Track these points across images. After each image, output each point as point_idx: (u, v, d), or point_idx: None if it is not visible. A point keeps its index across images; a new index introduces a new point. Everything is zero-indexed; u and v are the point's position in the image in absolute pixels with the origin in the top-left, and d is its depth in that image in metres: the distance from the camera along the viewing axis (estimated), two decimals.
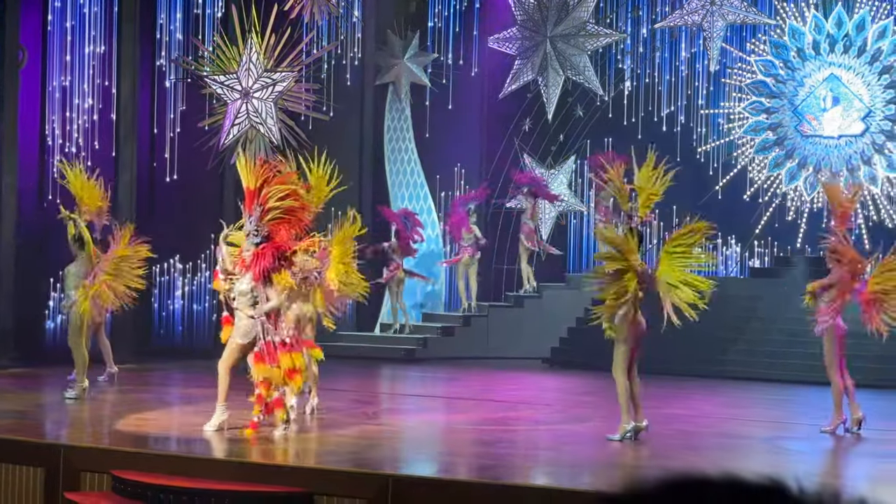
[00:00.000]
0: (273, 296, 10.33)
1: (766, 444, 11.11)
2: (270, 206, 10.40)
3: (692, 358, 16.82)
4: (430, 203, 21.10)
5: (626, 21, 21.22)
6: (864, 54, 19.55)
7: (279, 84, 16.98)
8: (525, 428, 12.13)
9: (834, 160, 19.79)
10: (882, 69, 19.46)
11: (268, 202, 10.40)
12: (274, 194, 10.41)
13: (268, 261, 10.23)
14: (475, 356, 19.37)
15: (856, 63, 19.61)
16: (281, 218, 10.45)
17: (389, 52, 20.81)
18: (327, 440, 10.61)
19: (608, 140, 20.91)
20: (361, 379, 16.66)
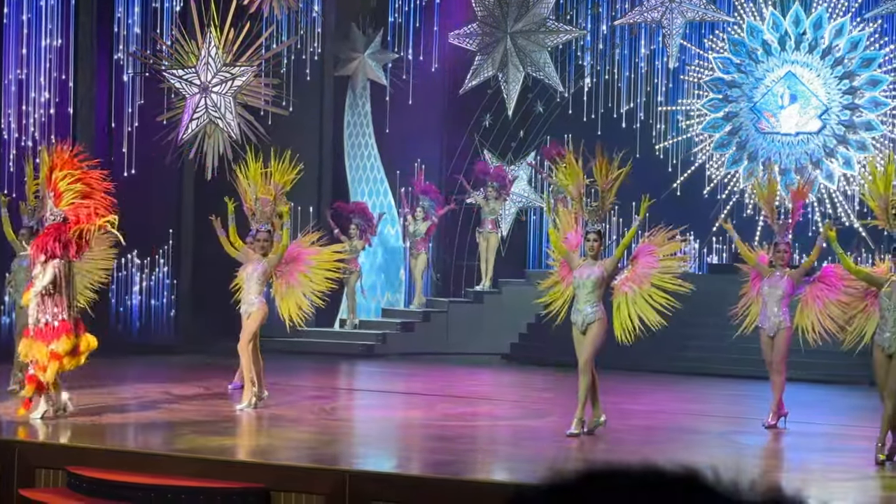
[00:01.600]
0: (49, 273, 10.47)
1: (721, 439, 11.18)
2: (62, 189, 10.54)
3: (650, 354, 16.88)
4: (391, 199, 21.08)
5: (585, 17, 21.27)
6: (821, 52, 19.70)
7: (238, 79, 16.91)
8: (484, 423, 12.15)
9: (785, 158, 19.92)
10: (841, 70, 19.61)
11: (58, 187, 10.55)
12: (64, 179, 10.54)
13: (48, 237, 10.43)
14: (434, 352, 19.37)
15: (813, 61, 19.76)
16: (77, 202, 10.58)
17: (351, 45, 20.78)
18: (285, 436, 10.59)
19: (568, 136, 20.94)
20: (320, 374, 16.64)
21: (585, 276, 10.63)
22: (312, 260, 12.51)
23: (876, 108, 19.49)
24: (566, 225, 11.19)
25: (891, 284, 9.80)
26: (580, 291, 10.68)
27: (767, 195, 12.20)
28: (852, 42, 19.57)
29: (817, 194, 19.70)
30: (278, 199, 12.48)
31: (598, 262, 10.72)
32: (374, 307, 20.65)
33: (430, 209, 20.14)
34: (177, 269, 18.30)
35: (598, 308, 10.65)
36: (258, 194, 12.42)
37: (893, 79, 19.39)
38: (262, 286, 12.14)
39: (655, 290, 10.77)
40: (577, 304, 10.73)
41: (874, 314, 10.19)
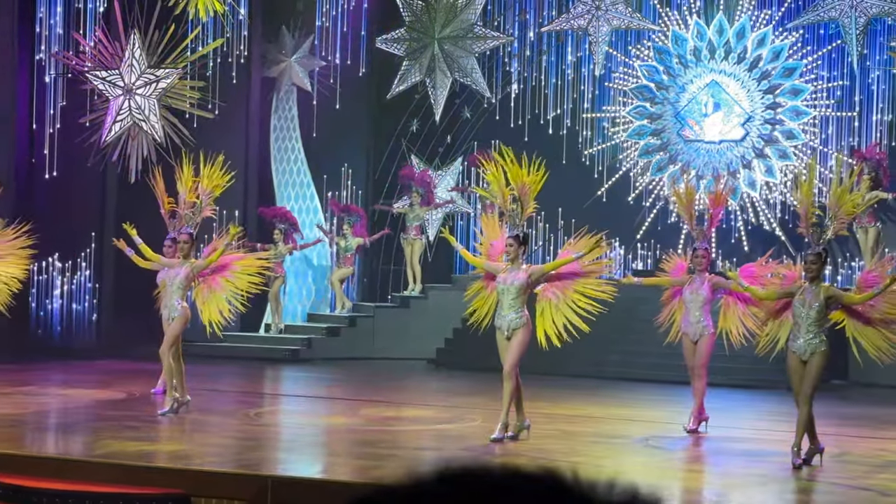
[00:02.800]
0: None
1: (642, 444, 11.28)
2: None
3: (575, 358, 17.00)
4: (317, 203, 21.01)
5: (513, 24, 21.37)
6: (744, 61, 19.97)
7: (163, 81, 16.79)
8: (409, 428, 12.14)
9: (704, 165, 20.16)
10: (762, 78, 19.89)
11: None
12: None
13: None
14: (360, 357, 19.35)
15: (736, 70, 20.02)
16: None
17: (279, 48, 20.70)
18: (207, 441, 10.50)
19: (495, 142, 20.97)
20: (244, 379, 16.53)
21: (509, 281, 10.68)
22: (237, 265, 12.42)
23: (797, 117, 19.79)
24: (491, 232, 11.21)
25: (803, 292, 9.95)
26: (504, 297, 10.73)
27: (685, 202, 12.33)
28: (774, 52, 19.85)
29: (740, 202, 19.96)
30: (205, 204, 12.34)
31: (522, 267, 10.76)
32: (301, 312, 20.57)
33: (357, 223, 20.11)
34: (99, 272, 18.08)
35: (523, 314, 10.71)
36: (186, 198, 12.28)
37: (815, 88, 19.71)
38: (185, 290, 12.04)
39: (579, 295, 10.85)
40: (501, 309, 10.77)
41: (787, 320, 10.33)
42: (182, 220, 12.25)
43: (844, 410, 14.14)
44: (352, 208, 20.27)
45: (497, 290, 10.81)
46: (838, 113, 19.66)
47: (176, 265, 12.03)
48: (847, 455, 10.99)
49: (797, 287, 10.07)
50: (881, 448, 11.50)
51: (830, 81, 19.70)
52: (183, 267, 11.99)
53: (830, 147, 19.64)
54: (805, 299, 9.90)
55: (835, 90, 19.67)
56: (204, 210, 12.35)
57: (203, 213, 12.36)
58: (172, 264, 12.07)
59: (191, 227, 12.17)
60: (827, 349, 9.92)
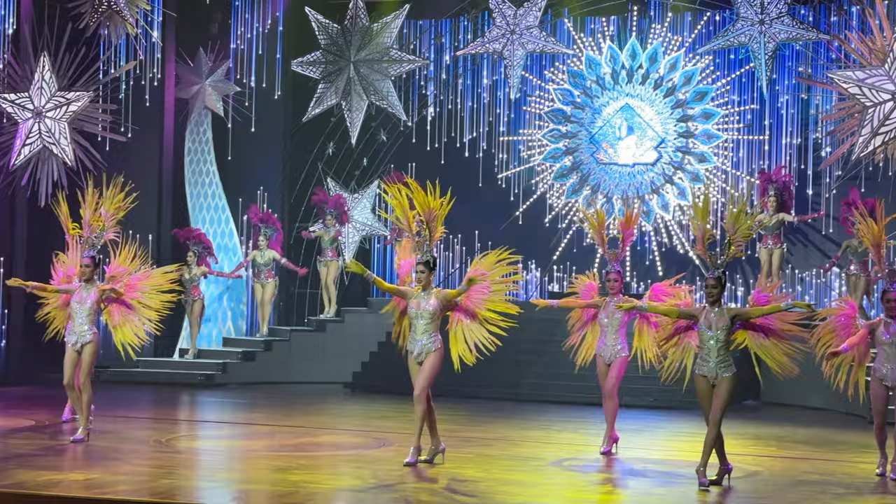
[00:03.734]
0: None
1: (557, 466, 11.32)
2: None
3: (490, 381, 17.06)
4: (232, 226, 20.86)
5: (429, 48, 21.46)
6: (658, 86, 20.22)
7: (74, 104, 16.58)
8: (325, 453, 12.06)
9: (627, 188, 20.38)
10: (675, 103, 20.15)
11: None
12: None
13: None
14: (276, 381, 19.22)
15: (649, 93, 20.27)
16: None
17: (195, 70, 20.57)
18: (119, 469, 10.34)
19: (412, 165, 21.07)
20: (159, 405, 16.33)
21: (422, 307, 10.71)
22: (145, 285, 12.24)
23: (709, 141, 20.08)
24: (403, 253, 11.24)
25: (706, 316, 10.04)
26: (417, 322, 10.76)
27: (596, 225, 12.44)
28: (686, 76, 20.14)
29: (653, 224, 20.19)
30: (108, 227, 12.17)
31: (432, 292, 10.78)
32: (216, 336, 20.38)
33: (273, 237, 19.99)
34: (7, 298, 17.75)
35: (436, 338, 10.74)
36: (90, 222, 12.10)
37: (726, 112, 20.01)
38: (94, 315, 11.84)
39: (490, 313, 10.87)
40: (414, 334, 10.79)
41: (689, 346, 10.42)
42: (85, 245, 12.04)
43: (757, 430, 14.33)
44: (270, 219, 20.13)
45: (409, 315, 10.82)
46: (749, 136, 19.98)
47: (81, 289, 11.84)
48: (759, 475, 11.13)
49: (698, 310, 10.17)
50: (792, 467, 11.66)
51: (741, 105, 20.03)
52: (90, 292, 11.81)
53: (741, 170, 19.95)
54: (710, 322, 10.01)
55: (745, 114, 20.00)
56: (107, 233, 12.15)
57: (106, 236, 12.17)
58: (72, 290, 11.88)
59: (93, 251, 11.98)
60: (736, 371, 10.05)
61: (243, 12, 20.95)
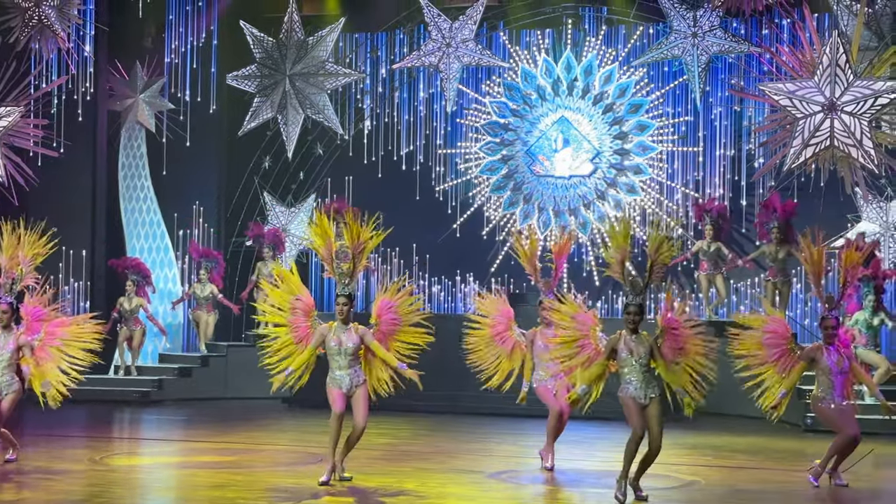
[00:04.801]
0: None
1: (495, 478, 11.32)
2: None
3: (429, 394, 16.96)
4: (168, 241, 20.69)
5: (365, 61, 21.44)
6: (593, 99, 20.35)
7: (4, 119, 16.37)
8: (262, 469, 11.97)
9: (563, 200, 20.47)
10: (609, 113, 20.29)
11: None
12: None
13: None
14: (213, 397, 19.07)
15: (584, 106, 20.40)
16: None
17: (130, 84, 20.40)
18: (54, 488, 10.19)
19: (349, 178, 21.04)
20: (93, 423, 16.14)
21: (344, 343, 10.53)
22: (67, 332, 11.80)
23: (644, 153, 20.23)
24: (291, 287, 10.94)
25: (625, 342, 9.90)
26: (340, 358, 10.56)
27: (528, 254, 12.34)
28: (621, 88, 20.29)
29: (589, 236, 20.30)
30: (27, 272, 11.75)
31: (352, 326, 10.63)
32: (151, 352, 20.19)
33: (214, 269, 19.83)
34: None
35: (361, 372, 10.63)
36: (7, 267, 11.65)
37: (660, 124, 20.18)
38: (15, 364, 11.41)
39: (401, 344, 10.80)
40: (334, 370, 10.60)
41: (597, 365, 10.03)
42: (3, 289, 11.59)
43: (694, 440, 14.42)
44: (210, 253, 20.00)
45: (330, 351, 10.62)
46: (683, 148, 20.17)
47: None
48: (696, 484, 11.19)
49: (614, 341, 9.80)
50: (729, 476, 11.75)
51: (675, 117, 20.21)
52: (9, 340, 11.44)
53: (676, 181, 20.12)
54: (631, 349, 9.81)
55: (679, 126, 20.19)
56: (25, 279, 11.75)
57: (24, 281, 11.76)
58: None
59: (10, 297, 11.57)
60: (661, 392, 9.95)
61: (177, 26, 20.82)
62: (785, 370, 10.79)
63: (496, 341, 12.11)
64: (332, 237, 10.73)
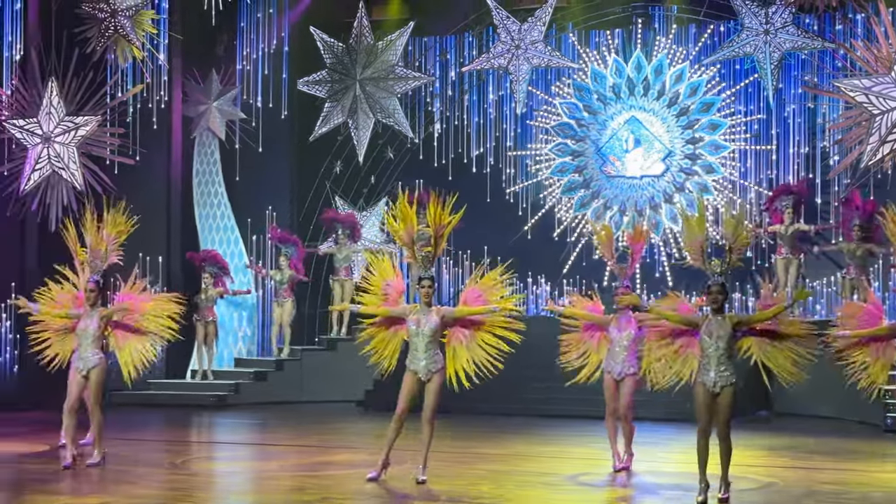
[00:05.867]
0: None
1: (571, 481, 11.30)
2: None
3: (501, 396, 17.02)
4: (241, 247, 20.91)
5: (434, 64, 21.52)
6: (663, 97, 20.25)
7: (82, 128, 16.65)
8: (338, 473, 12.05)
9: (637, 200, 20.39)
10: (680, 113, 20.17)
11: None
12: None
13: None
14: (289, 400, 19.24)
15: (655, 106, 20.29)
16: None
17: (204, 91, 20.64)
18: (132, 493, 10.35)
19: (419, 182, 21.12)
20: (171, 427, 16.35)
21: (423, 324, 10.61)
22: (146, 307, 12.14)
23: (716, 152, 20.09)
24: (385, 273, 11.03)
25: (708, 324, 9.88)
26: (418, 341, 10.65)
27: (605, 240, 12.38)
28: (692, 87, 20.16)
29: (662, 236, 20.19)
30: (111, 250, 12.10)
31: (433, 309, 10.72)
32: (227, 356, 20.41)
33: (294, 255, 20.03)
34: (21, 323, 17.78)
35: (439, 357, 10.67)
36: (92, 246, 12.03)
37: (732, 122, 20.02)
38: (99, 340, 11.75)
39: (487, 334, 10.79)
40: (416, 352, 10.70)
41: (691, 356, 10.08)
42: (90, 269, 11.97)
43: (770, 441, 14.30)
44: (288, 237, 20.19)
45: (409, 333, 10.71)
46: (756, 146, 19.99)
47: (86, 315, 11.77)
48: (774, 486, 11.11)
49: (702, 319, 9.94)
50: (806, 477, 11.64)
51: (747, 115, 20.04)
52: (93, 317, 11.74)
53: (749, 180, 19.95)
54: (712, 331, 9.80)
55: (752, 124, 20.01)
56: (109, 257, 12.08)
57: (109, 259, 12.09)
58: (84, 314, 11.80)
59: (97, 276, 11.91)
60: (736, 381, 9.85)
61: (249, 33, 21.03)
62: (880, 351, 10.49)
63: (586, 338, 12.07)
64: (413, 221, 10.78)
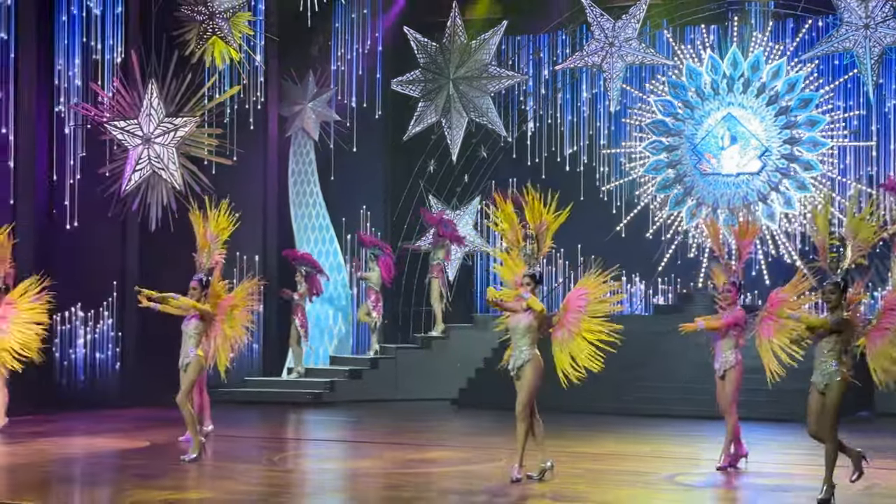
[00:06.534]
0: None
1: (668, 481, 11.21)
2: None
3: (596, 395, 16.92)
4: (336, 246, 21.08)
5: (527, 63, 21.49)
6: (762, 95, 19.97)
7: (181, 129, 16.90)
8: (434, 470, 12.09)
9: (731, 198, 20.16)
10: (779, 111, 19.89)
11: None
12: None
13: None
14: (383, 398, 19.34)
15: (752, 102, 20.04)
16: None
17: (301, 91, 20.85)
18: (231, 489, 10.49)
19: (512, 181, 21.08)
20: (268, 424, 16.52)
21: (517, 320, 10.67)
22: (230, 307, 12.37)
23: (815, 148, 19.78)
24: (508, 271, 11.13)
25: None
26: (513, 336, 10.73)
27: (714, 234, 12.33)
28: (789, 83, 19.87)
29: (759, 234, 19.92)
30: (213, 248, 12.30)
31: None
32: (322, 355, 20.59)
33: (380, 257, 20.15)
34: (121, 321, 18.13)
35: (530, 351, 10.64)
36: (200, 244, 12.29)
37: (831, 119, 19.70)
38: (198, 337, 11.94)
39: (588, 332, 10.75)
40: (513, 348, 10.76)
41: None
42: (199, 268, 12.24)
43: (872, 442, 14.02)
44: (378, 242, 20.33)
45: (508, 328, 10.79)
46: (856, 143, 19.64)
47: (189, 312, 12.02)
48: (874, 488, 10.90)
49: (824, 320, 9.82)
50: None
51: (847, 111, 19.69)
52: (193, 315, 11.96)
53: (849, 177, 19.62)
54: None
55: (851, 120, 19.66)
56: (213, 255, 12.30)
57: (213, 258, 12.31)
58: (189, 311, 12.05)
59: (201, 274, 12.12)
60: (843, 379, 9.65)
61: (343, 34, 21.19)
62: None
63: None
64: (516, 221, 10.83)
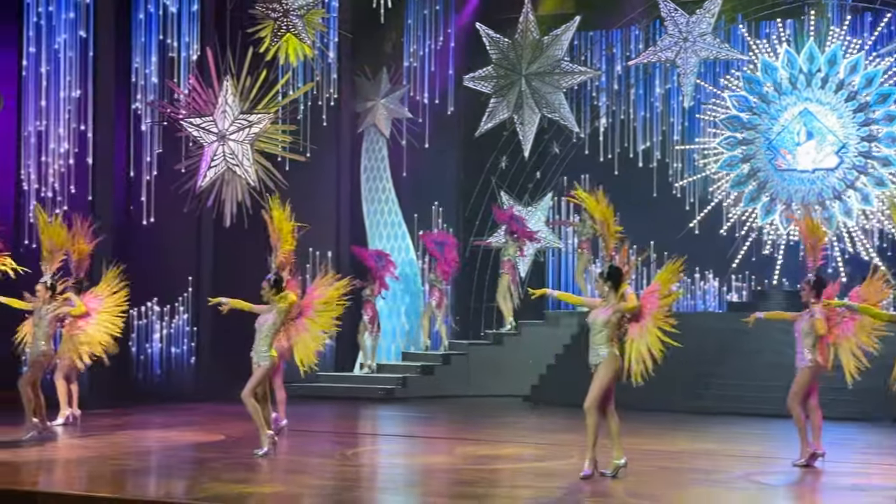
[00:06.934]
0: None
1: (742, 480, 11.10)
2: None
3: (671, 393, 16.82)
4: (409, 242, 21.14)
5: (600, 58, 21.39)
6: (841, 91, 19.69)
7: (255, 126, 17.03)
8: (505, 467, 12.09)
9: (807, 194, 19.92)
10: (857, 107, 19.60)
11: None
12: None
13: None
14: (455, 394, 19.36)
15: (829, 98, 19.77)
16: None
17: (374, 87, 20.94)
18: (305, 483, 10.56)
19: (585, 177, 21.01)
20: (340, 419, 16.63)
21: (593, 317, 10.65)
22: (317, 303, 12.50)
23: (893, 144, 19.47)
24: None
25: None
26: (590, 333, 10.71)
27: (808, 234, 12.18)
28: (867, 78, 19.58)
29: (836, 231, 19.66)
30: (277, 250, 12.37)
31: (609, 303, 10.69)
32: (394, 350, 20.67)
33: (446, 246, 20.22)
34: (197, 316, 18.34)
35: (607, 350, 10.58)
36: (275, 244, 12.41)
37: None
38: (272, 337, 12.02)
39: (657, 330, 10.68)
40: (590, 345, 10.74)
41: None
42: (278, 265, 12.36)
43: None
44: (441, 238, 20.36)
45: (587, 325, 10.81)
46: None
47: (264, 311, 12.09)
48: None
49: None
50: None
51: None
52: (270, 314, 12.03)
53: None
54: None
55: None
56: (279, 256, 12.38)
57: (278, 258, 12.39)
58: (262, 310, 12.10)
59: (272, 274, 12.19)
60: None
61: (416, 30, 21.24)
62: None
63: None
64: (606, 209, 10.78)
